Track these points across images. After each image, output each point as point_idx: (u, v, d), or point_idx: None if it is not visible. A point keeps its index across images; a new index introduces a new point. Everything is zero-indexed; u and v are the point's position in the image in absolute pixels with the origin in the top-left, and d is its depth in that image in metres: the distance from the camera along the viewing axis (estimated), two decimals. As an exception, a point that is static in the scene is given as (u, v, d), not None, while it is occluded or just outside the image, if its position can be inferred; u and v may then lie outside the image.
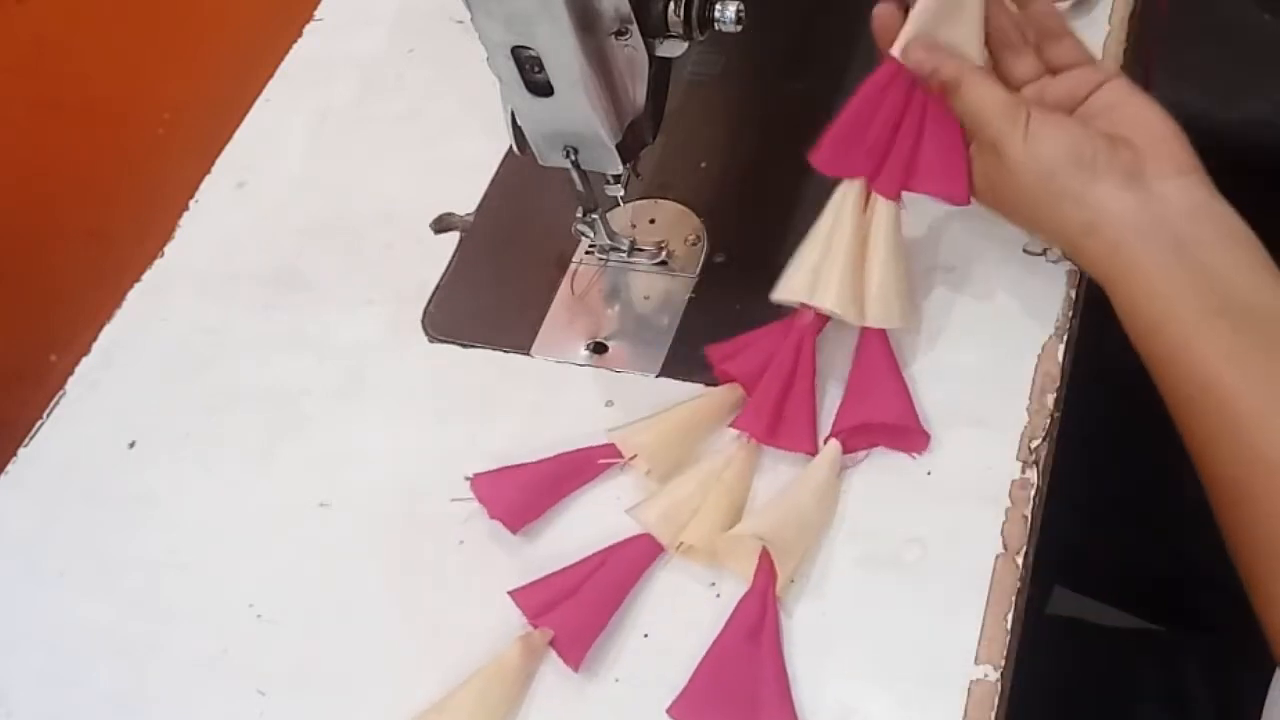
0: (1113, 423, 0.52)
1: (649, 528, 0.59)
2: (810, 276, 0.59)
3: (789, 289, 0.59)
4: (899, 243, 0.60)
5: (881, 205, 0.59)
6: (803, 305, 0.60)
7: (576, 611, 0.57)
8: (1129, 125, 0.55)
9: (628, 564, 0.58)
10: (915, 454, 0.59)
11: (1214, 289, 0.50)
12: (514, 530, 0.61)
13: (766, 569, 0.56)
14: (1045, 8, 0.59)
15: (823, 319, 0.61)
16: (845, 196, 0.59)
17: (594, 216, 0.66)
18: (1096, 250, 0.54)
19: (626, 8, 0.55)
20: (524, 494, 0.61)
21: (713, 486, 0.59)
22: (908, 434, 0.59)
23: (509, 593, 0.58)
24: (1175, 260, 0.51)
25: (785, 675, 0.54)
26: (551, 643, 0.57)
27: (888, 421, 0.59)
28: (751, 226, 0.60)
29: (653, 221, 0.72)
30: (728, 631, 0.56)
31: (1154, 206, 0.52)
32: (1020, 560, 0.55)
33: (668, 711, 0.54)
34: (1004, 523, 0.56)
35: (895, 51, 0.57)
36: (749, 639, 0.55)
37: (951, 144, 0.58)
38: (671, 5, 0.56)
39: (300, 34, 0.88)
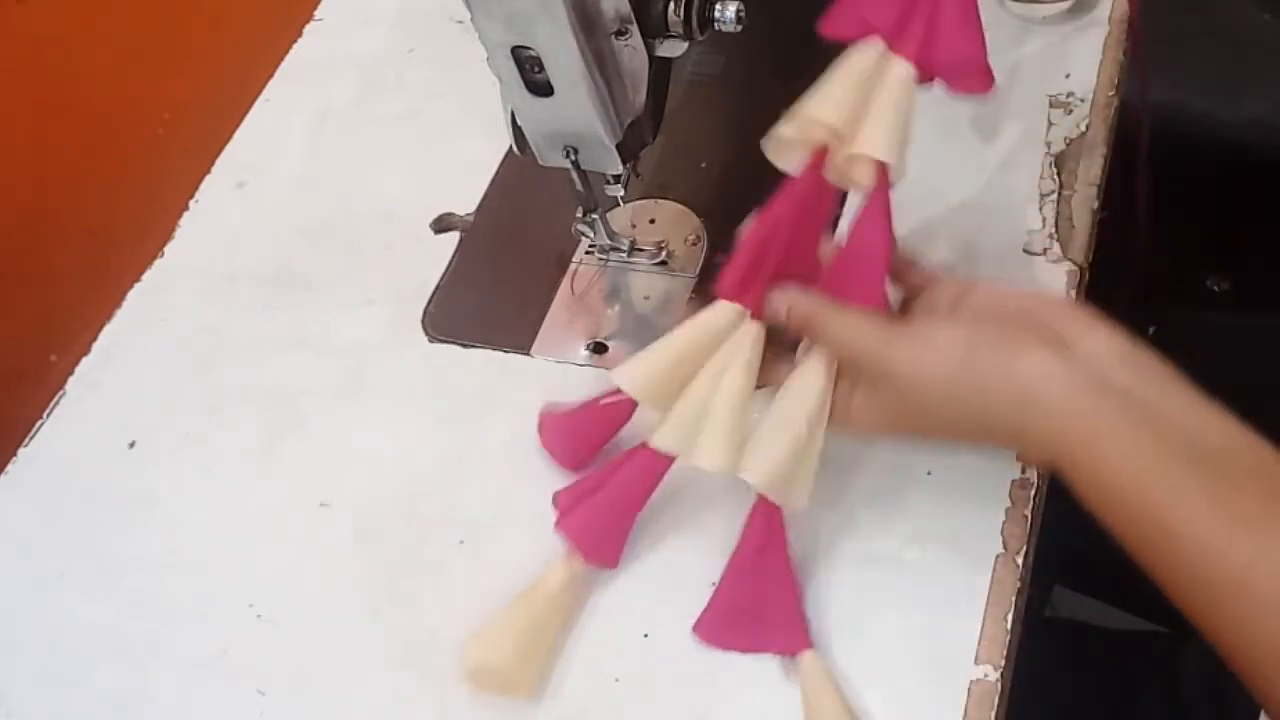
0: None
1: (634, 394, 0.56)
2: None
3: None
4: (909, 104, 0.55)
5: (900, 69, 0.55)
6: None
7: (595, 510, 0.57)
8: (1021, 309, 0.52)
9: (643, 468, 0.56)
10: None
11: (1167, 435, 0.47)
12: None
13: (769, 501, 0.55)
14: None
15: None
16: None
17: (594, 216, 0.66)
18: (1039, 423, 0.49)
19: (626, 8, 0.55)
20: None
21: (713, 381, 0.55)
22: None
23: (555, 494, 0.59)
24: (1127, 411, 0.47)
25: (795, 589, 0.54)
26: (583, 555, 0.57)
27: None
28: (751, 226, 0.60)
29: (653, 221, 0.72)
30: (739, 551, 0.56)
31: (1087, 363, 0.49)
32: (1020, 560, 0.55)
33: (692, 630, 0.55)
34: (1004, 523, 0.56)
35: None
36: (758, 555, 0.55)
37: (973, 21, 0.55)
38: (671, 5, 0.56)
39: (300, 34, 0.88)
